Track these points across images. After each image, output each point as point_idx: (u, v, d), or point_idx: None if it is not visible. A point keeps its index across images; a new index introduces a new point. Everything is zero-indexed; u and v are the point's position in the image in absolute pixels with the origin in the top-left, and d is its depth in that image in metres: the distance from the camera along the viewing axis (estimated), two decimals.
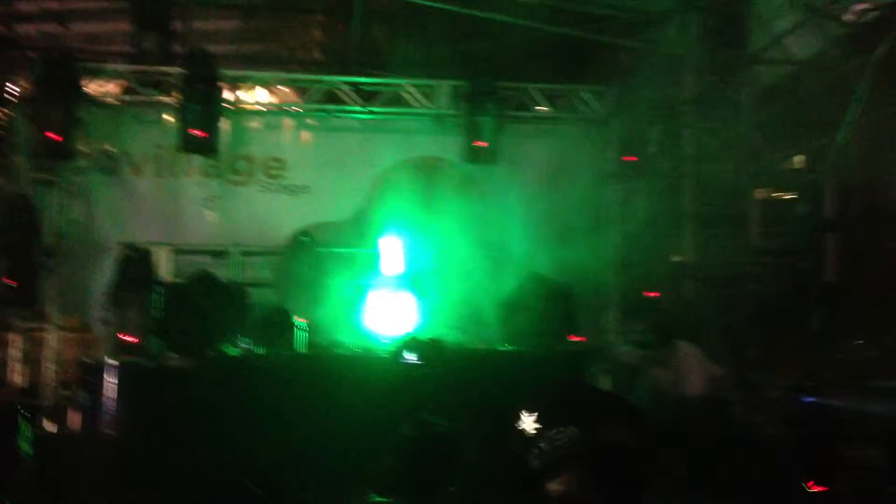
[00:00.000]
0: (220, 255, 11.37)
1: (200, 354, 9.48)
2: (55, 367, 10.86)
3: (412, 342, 9.57)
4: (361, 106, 11.88)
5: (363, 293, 10.72)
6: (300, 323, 10.10)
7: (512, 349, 10.33)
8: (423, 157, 12.05)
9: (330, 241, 11.22)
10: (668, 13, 11.40)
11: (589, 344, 10.89)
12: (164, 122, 11.48)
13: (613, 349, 11.19)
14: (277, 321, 10.08)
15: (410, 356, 9.23)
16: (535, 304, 10.38)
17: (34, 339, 11.08)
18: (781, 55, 10.93)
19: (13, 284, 10.48)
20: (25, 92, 11.17)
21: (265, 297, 10.76)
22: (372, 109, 11.91)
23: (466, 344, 10.32)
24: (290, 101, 12.24)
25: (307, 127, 12.12)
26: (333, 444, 8.46)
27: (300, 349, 10.05)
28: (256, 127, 12.00)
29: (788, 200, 11.35)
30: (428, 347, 9.37)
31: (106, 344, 10.25)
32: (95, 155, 11.41)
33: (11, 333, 11.01)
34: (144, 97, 11.54)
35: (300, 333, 10.08)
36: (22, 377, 10.90)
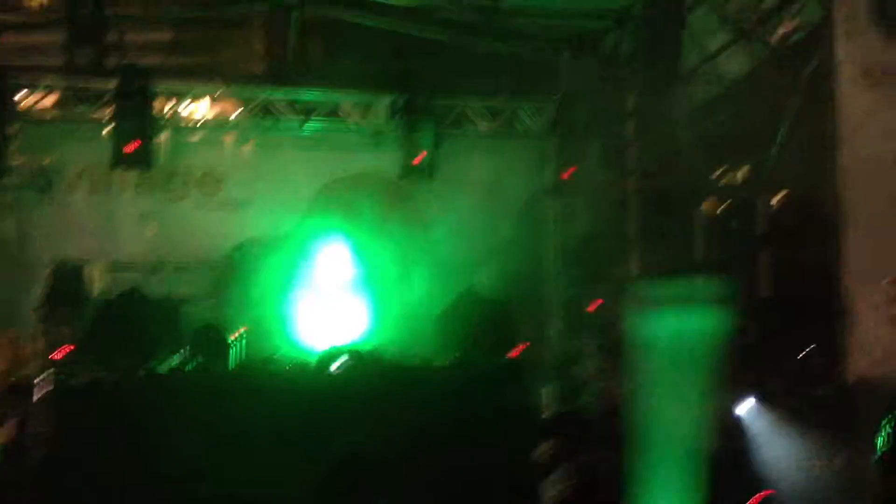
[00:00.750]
0: (154, 270, 11.24)
1: (128, 372, 9.34)
2: None
3: (349, 354, 9.50)
4: (299, 121, 11.84)
5: (300, 307, 10.67)
6: (236, 338, 10.00)
7: (448, 364, 10.29)
8: (360, 172, 12.04)
9: (267, 255, 11.15)
10: (603, 30, 11.50)
11: (528, 357, 10.89)
12: (98, 137, 11.32)
13: (556, 362, 11.21)
14: (212, 337, 9.97)
15: (341, 369, 9.16)
16: (472, 318, 10.38)
17: None
18: (714, 73, 11.07)
19: None
20: None
21: (201, 312, 10.66)
22: (308, 124, 11.88)
23: (401, 358, 10.27)
24: (227, 115, 12.15)
25: (244, 142, 12.06)
26: (252, 464, 8.34)
27: (231, 365, 9.94)
28: (192, 141, 11.93)
29: (726, 216, 11.46)
30: (363, 360, 9.30)
31: (36, 360, 10.07)
32: (28, 171, 11.25)
33: None
34: (78, 112, 11.41)
35: (235, 349, 9.97)
36: None
